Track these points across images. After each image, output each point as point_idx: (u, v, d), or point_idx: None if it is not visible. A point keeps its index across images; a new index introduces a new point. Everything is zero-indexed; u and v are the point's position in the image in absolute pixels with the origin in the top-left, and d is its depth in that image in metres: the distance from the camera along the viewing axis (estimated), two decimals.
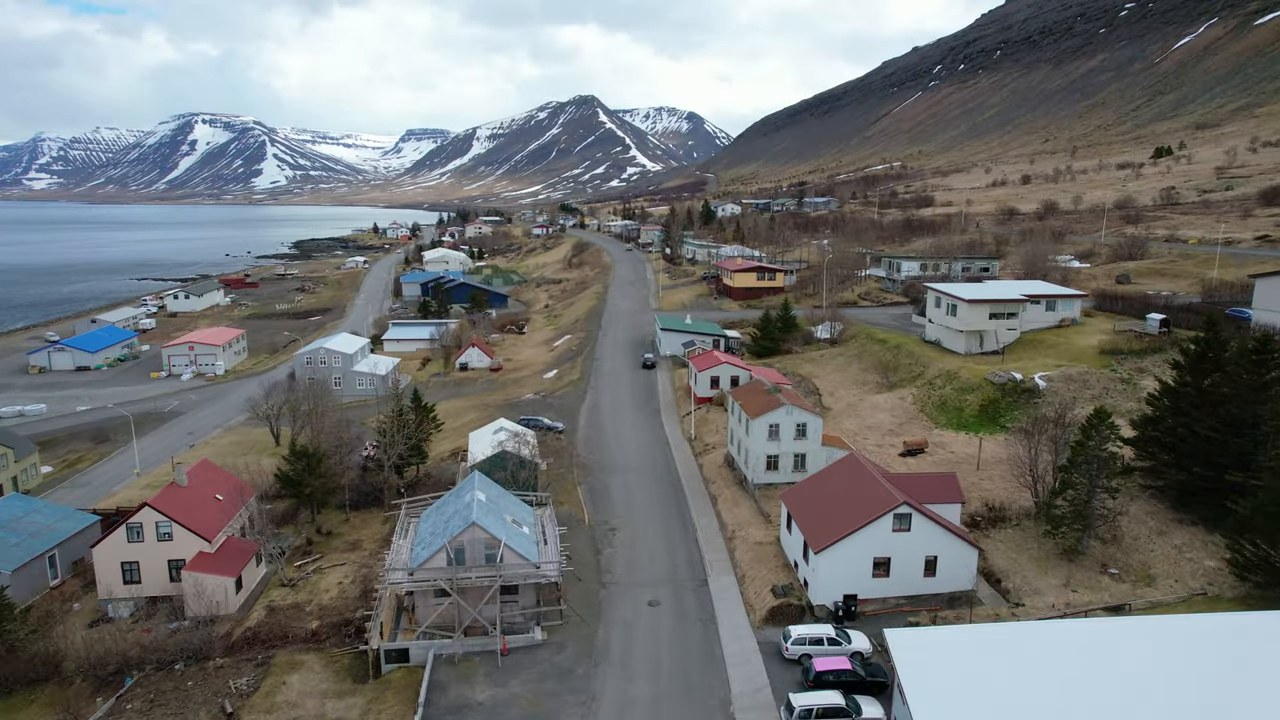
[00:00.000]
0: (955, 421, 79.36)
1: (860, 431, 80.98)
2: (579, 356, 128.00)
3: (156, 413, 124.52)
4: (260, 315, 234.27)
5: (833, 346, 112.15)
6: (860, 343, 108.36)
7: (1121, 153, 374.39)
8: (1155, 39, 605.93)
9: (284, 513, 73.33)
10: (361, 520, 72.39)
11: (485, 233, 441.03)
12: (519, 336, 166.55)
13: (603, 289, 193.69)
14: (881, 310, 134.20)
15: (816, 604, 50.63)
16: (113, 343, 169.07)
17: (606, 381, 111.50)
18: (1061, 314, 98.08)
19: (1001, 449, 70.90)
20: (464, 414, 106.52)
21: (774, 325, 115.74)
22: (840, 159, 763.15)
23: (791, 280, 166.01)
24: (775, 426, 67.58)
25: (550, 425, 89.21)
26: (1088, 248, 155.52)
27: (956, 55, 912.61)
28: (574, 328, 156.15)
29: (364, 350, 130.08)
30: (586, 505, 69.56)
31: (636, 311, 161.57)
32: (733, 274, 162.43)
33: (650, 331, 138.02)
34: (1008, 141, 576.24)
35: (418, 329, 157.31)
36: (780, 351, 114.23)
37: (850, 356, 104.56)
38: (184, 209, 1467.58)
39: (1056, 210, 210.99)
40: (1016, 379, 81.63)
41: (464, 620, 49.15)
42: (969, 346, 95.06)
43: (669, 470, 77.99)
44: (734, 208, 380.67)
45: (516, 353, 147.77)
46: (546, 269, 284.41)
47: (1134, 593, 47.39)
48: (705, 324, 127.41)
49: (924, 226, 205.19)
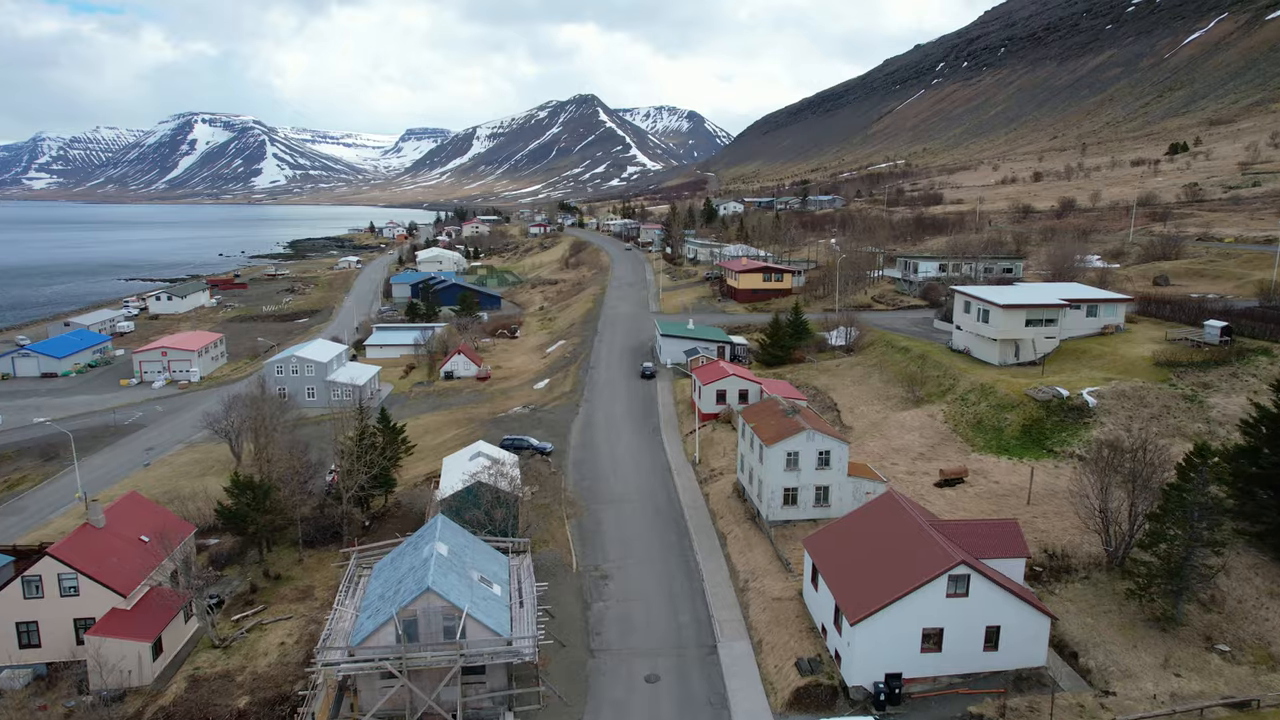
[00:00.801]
0: (995, 444, 69.95)
1: (887, 455, 71.56)
2: (573, 364, 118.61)
3: (116, 425, 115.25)
4: (246, 318, 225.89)
5: (849, 355, 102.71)
6: (880, 351, 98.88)
7: (1133, 149, 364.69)
8: (1164, 34, 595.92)
9: (230, 551, 64.01)
10: (318, 561, 63.01)
11: (482, 232, 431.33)
12: (511, 341, 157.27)
13: (600, 291, 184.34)
14: (899, 314, 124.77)
15: (852, 684, 41.18)
16: (83, 347, 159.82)
17: (602, 393, 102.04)
18: (1104, 320, 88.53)
19: (1053, 478, 61.86)
20: (444, 430, 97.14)
21: (784, 331, 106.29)
22: (843, 157, 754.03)
23: (800, 281, 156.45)
24: (794, 455, 58.11)
25: (538, 446, 79.78)
26: (1115, 247, 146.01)
27: (960, 52, 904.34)
28: (569, 332, 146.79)
29: (341, 358, 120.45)
30: (575, 546, 60.05)
31: (635, 315, 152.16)
32: (737, 275, 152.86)
33: (650, 337, 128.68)
34: (1014, 139, 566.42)
35: (403, 334, 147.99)
36: (791, 360, 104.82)
37: (870, 367, 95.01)
38: (183, 209, 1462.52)
39: (1074, 208, 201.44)
40: (1062, 395, 72.21)
41: (418, 708, 39.80)
42: (1003, 356, 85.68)
43: (670, 501, 68.47)
44: (736, 206, 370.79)
45: (507, 359, 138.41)
46: (543, 269, 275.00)
47: (1257, 680, 37.85)
48: (709, 329, 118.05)
49: (936, 225, 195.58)
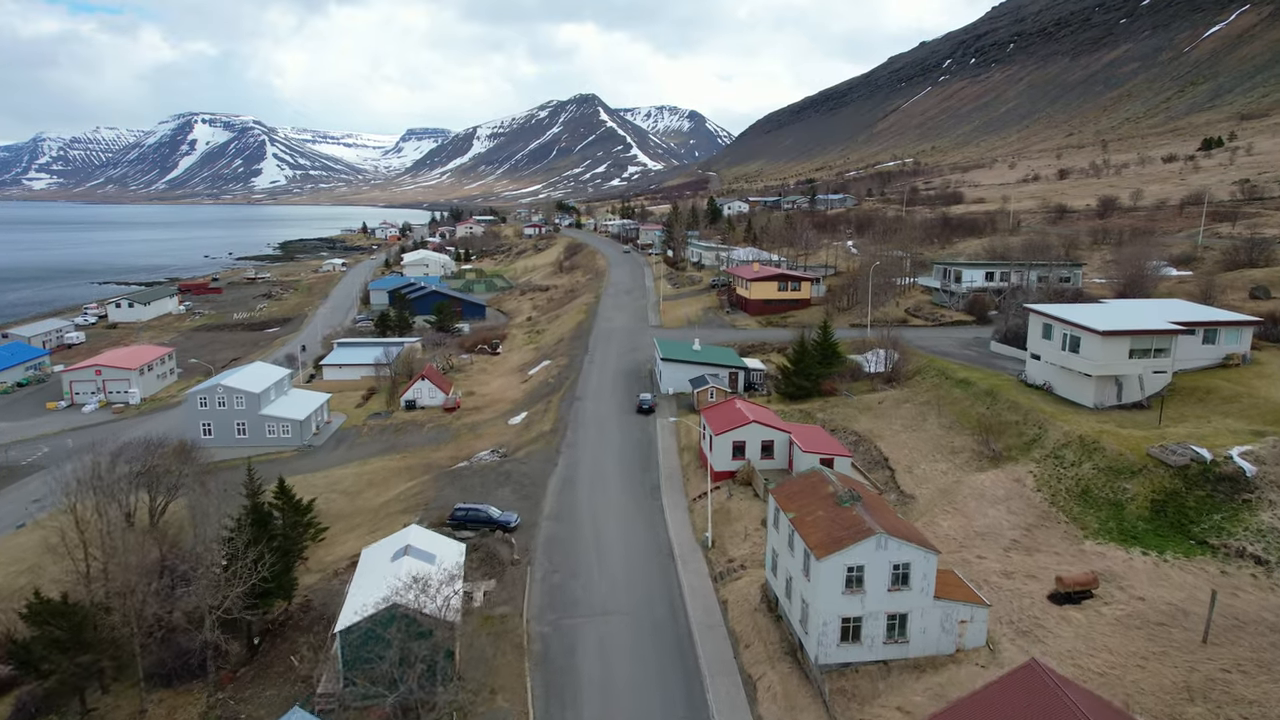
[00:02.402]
0: (1116, 528, 50.98)
1: (968, 542, 52.68)
2: (556, 394, 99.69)
3: (11, 465, 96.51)
4: (212, 326, 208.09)
5: (892, 387, 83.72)
6: (933, 383, 79.82)
7: (1159, 145, 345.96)
8: (1182, 28, 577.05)
9: (49, 694, 45.31)
10: (171, 709, 44.25)
11: (476, 233, 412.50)
12: (491, 359, 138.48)
13: (594, 299, 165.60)
14: (942, 332, 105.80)
15: None
16: (15, 363, 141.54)
17: (588, 434, 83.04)
18: (1226, 347, 69.76)
19: (1231, 595, 42.00)
20: (392, 483, 78.22)
21: (811, 356, 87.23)
22: (848, 156, 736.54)
23: (820, 291, 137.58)
24: (856, 571, 39.18)
25: (499, 520, 60.85)
26: (1184, 250, 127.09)
27: (967, 49, 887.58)
28: (556, 350, 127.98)
29: (282, 384, 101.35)
30: (535, 704, 41.01)
31: (632, 329, 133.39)
32: (749, 283, 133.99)
33: (648, 357, 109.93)
34: (1027, 136, 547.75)
35: (366, 351, 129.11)
36: (820, 392, 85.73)
37: (923, 405, 75.92)
38: (181, 209, 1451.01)
39: (1116, 207, 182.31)
40: (1203, 457, 53.27)
41: None
42: (1100, 397, 66.78)
43: (674, 613, 49.29)
44: (741, 205, 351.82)
45: (483, 383, 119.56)
46: (536, 273, 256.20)
47: None
48: (718, 351, 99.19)
49: (965, 226, 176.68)
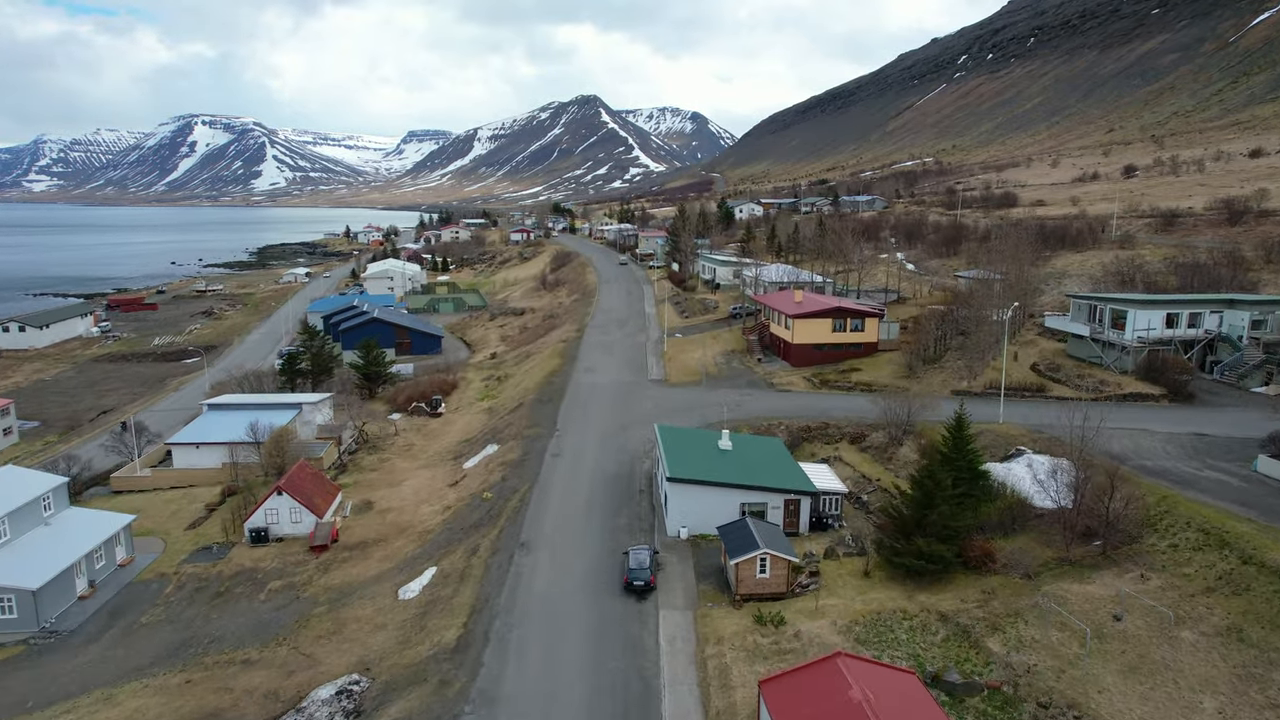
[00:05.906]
0: None
1: None
2: (491, 530, 59.58)
3: None
4: (119, 356, 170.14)
5: (1103, 554, 43.75)
6: (1204, 561, 39.83)
7: (1229, 139, 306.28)
8: (1225, 16, 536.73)
9: None
10: None
11: (461, 238, 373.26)
12: (428, 422, 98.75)
13: (577, 333, 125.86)
14: (1116, 413, 65.23)
15: None
16: None
17: (529, 654, 42.97)
18: None
19: None
20: None
21: (943, 494, 47.40)
22: (860, 155, 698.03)
23: (890, 331, 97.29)
24: None
25: None
26: None
27: (984, 44, 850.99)
28: (512, 420, 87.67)
29: (35, 510, 61.39)
30: None
31: (623, 388, 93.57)
32: (791, 320, 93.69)
33: (644, 443, 70.51)
34: (1059, 133, 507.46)
35: (239, 418, 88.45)
36: (967, 561, 45.79)
37: (1218, 630, 35.87)
38: (179, 211, 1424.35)
39: (1250, 210, 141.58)
40: None
41: None
42: None
43: None
44: (753, 207, 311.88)
45: (396, 479, 79.17)
46: (515, 288, 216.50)
47: None
48: (765, 459, 59.35)
49: (1058, 237, 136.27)
